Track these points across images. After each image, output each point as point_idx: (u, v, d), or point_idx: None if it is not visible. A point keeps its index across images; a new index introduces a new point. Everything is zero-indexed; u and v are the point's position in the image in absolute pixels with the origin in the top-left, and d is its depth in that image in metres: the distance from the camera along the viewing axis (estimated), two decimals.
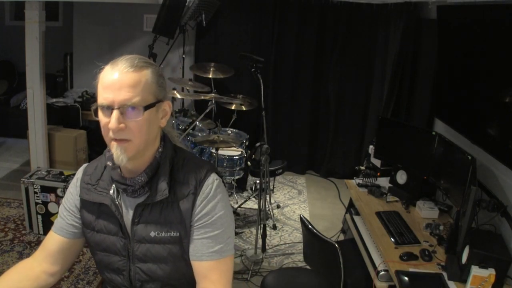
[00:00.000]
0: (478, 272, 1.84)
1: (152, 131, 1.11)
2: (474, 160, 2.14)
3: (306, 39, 4.29)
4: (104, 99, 1.05)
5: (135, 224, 1.16)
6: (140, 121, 1.06)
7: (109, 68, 1.08)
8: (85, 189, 1.22)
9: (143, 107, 1.05)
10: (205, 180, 1.15)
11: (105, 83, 1.06)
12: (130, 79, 1.05)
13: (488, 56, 2.34)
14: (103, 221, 1.20)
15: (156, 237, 1.14)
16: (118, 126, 1.04)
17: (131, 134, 1.06)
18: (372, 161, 3.20)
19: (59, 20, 5.25)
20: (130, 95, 1.04)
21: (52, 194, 2.97)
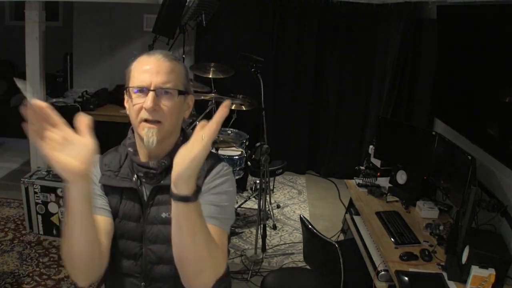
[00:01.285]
0: (478, 272, 1.84)
1: (179, 118, 1.19)
2: (474, 160, 2.14)
3: (306, 39, 4.29)
4: (141, 81, 1.12)
5: (149, 207, 1.19)
6: (173, 104, 1.13)
7: (145, 56, 1.16)
8: (106, 176, 1.23)
9: (177, 91, 1.14)
10: (216, 165, 1.21)
11: (142, 67, 1.14)
12: (167, 66, 1.14)
13: (488, 56, 2.34)
14: (126, 207, 1.21)
15: (167, 217, 1.16)
16: (153, 105, 1.10)
17: (163, 116, 1.13)
18: (372, 161, 3.20)
19: (59, 20, 5.25)
20: (166, 79, 1.13)
21: (52, 194, 2.97)
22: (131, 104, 1.15)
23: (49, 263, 2.81)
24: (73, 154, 0.84)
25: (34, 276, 2.67)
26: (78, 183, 0.87)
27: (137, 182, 1.21)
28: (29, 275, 2.68)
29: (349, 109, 4.40)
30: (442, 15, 2.95)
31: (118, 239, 1.21)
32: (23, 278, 2.64)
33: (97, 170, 1.25)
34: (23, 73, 3.39)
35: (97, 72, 4.73)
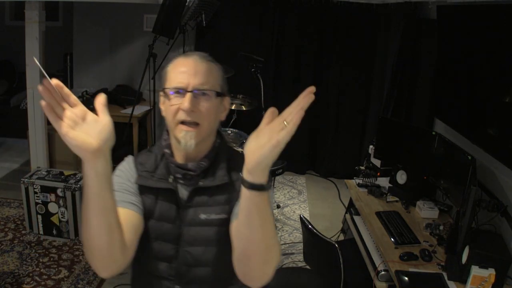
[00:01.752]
0: (478, 272, 1.84)
1: (216, 120, 1.19)
2: (474, 160, 2.14)
3: (306, 39, 4.29)
4: (178, 82, 1.12)
5: (187, 208, 1.18)
6: (210, 106, 1.13)
7: (182, 57, 1.17)
8: (143, 176, 1.20)
9: (215, 92, 1.14)
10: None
11: (179, 68, 1.14)
12: (204, 67, 1.14)
13: (488, 56, 2.34)
14: (161, 208, 1.19)
15: (206, 219, 1.16)
16: (191, 107, 1.10)
17: (200, 117, 1.12)
18: (372, 161, 3.20)
19: (59, 20, 5.25)
20: (204, 80, 1.13)
21: (52, 194, 2.97)
22: (168, 105, 1.14)
23: (49, 263, 2.81)
24: (89, 132, 0.84)
25: (34, 276, 2.67)
26: (94, 161, 0.86)
27: (173, 183, 1.20)
28: (29, 275, 2.68)
29: (349, 109, 4.40)
30: (442, 15, 2.95)
31: (153, 240, 1.19)
32: (23, 278, 2.64)
33: (131, 169, 1.22)
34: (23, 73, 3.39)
35: (97, 72, 4.73)
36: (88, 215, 0.93)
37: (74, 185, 2.93)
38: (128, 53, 4.66)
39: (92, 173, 0.88)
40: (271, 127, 0.87)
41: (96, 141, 0.84)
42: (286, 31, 4.31)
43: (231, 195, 1.17)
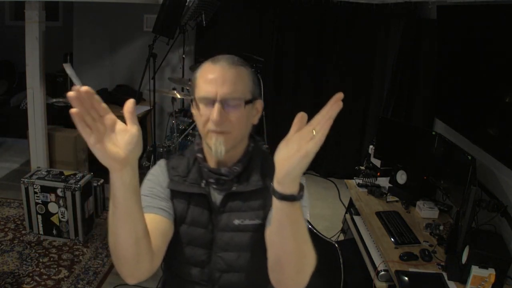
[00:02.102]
0: (478, 272, 1.84)
1: (248, 126, 1.17)
2: (474, 160, 2.14)
3: (306, 39, 4.29)
4: (206, 92, 1.09)
5: (220, 213, 1.17)
6: (240, 114, 1.11)
7: (210, 63, 1.13)
8: (175, 181, 1.20)
9: (244, 101, 1.11)
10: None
11: (207, 77, 1.10)
12: (232, 75, 1.10)
13: (488, 56, 2.34)
14: (193, 213, 1.18)
15: (240, 225, 1.15)
16: (220, 118, 1.08)
17: (231, 126, 1.10)
18: (372, 161, 3.20)
19: (59, 20, 5.26)
20: (232, 89, 1.09)
21: (52, 194, 2.97)
22: (198, 114, 1.13)
23: (49, 263, 2.81)
24: (117, 143, 0.83)
25: (34, 276, 2.67)
26: (121, 171, 0.85)
27: (206, 188, 1.19)
28: (29, 275, 2.68)
29: (349, 109, 4.39)
30: (442, 15, 2.95)
31: (185, 245, 1.18)
32: (23, 278, 2.64)
33: (163, 173, 1.22)
34: (23, 73, 3.39)
35: (97, 72, 4.73)
36: (115, 225, 0.92)
37: (74, 185, 2.93)
38: (128, 53, 4.66)
39: (118, 183, 0.87)
40: (300, 135, 0.85)
41: (124, 152, 0.83)
42: (286, 31, 4.31)
43: (266, 200, 1.14)
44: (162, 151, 3.55)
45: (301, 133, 0.85)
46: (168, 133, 4.05)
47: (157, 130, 4.31)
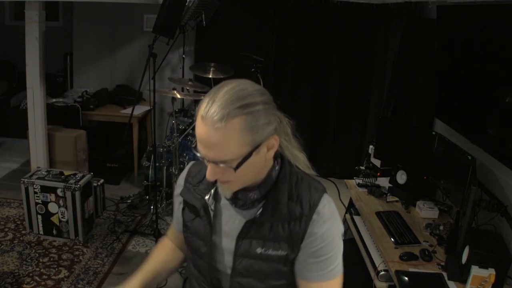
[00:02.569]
0: (478, 272, 1.84)
1: (256, 168, 1.06)
2: (474, 160, 2.14)
3: (306, 39, 4.29)
4: (199, 149, 1.02)
5: (241, 239, 1.12)
6: (236, 173, 1.01)
7: (200, 118, 0.99)
8: (186, 189, 1.23)
9: (235, 166, 1.00)
10: (319, 202, 1.10)
11: (197, 135, 1.01)
12: (219, 138, 0.96)
13: (488, 56, 2.34)
14: (196, 223, 1.19)
15: (262, 253, 1.11)
16: (213, 178, 1.03)
17: (231, 177, 1.03)
18: (372, 161, 3.20)
19: (59, 20, 5.25)
20: (220, 153, 0.98)
21: (52, 194, 2.97)
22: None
23: (49, 263, 2.81)
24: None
25: (34, 276, 2.67)
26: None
27: (206, 202, 1.17)
28: (29, 275, 2.68)
29: (349, 109, 4.39)
30: (442, 15, 2.95)
31: (191, 254, 1.24)
32: (23, 278, 2.64)
33: (182, 179, 1.27)
34: (23, 73, 3.39)
35: (97, 72, 4.73)
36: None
37: (74, 185, 2.93)
38: (128, 53, 4.66)
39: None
40: None
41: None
42: (286, 31, 4.31)
43: (292, 232, 1.09)
44: (162, 151, 3.55)
45: None
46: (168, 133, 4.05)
47: (157, 130, 4.30)
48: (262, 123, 1.01)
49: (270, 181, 1.11)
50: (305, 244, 1.09)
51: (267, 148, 1.05)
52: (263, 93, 1.05)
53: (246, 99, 0.99)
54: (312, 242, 1.09)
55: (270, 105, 1.05)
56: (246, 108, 0.98)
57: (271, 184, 1.11)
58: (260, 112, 1.00)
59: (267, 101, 1.04)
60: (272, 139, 1.05)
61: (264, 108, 1.02)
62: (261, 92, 1.04)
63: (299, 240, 1.09)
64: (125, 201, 3.70)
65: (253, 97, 1.00)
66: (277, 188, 1.11)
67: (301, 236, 1.09)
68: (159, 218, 3.32)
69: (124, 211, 3.59)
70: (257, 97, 1.01)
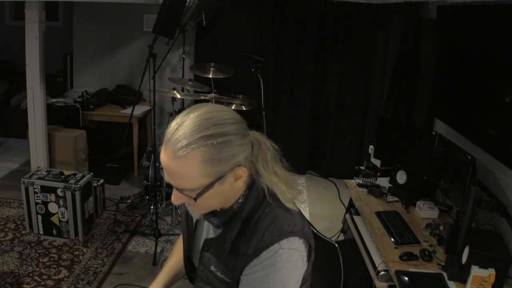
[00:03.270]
0: (478, 272, 1.84)
1: (223, 196, 1.03)
2: (474, 160, 2.14)
3: (306, 39, 4.29)
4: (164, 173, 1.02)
5: (204, 251, 1.16)
6: (201, 199, 0.99)
7: (163, 145, 0.98)
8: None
9: (196, 192, 0.98)
10: (266, 248, 1.02)
11: (161, 160, 0.99)
12: (177, 167, 0.95)
13: (488, 56, 2.34)
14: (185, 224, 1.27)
15: (214, 272, 1.13)
16: (177, 202, 1.04)
17: (194, 204, 1.02)
18: (372, 161, 3.20)
19: (59, 20, 5.25)
20: (180, 182, 0.98)
21: (52, 194, 2.97)
22: None
23: (49, 263, 2.81)
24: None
25: (34, 276, 2.67)
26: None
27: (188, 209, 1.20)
28: (29, 275, 2.68)
29: (349, 109, 4.39)
30: (442, 15, 2.95)
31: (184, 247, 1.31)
32: (23, 278, 2.64)
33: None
34: (23, 73, 3.39)
35: (97, 72, 4.73)
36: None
37: (74, 185, 2.93)
38: (128, 53, 4.66)
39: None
40: None
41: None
42: (286, 31, 4.31)
43: (235, 264, 1.07)
44: None
45: None
46: None
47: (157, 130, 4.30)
48: (226, 155, 0.96)
49: (229, 212, 1.07)
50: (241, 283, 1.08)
51: (234, 178, 1.01)
52: (234, 122, 0.99)
53: (211, 129, 0.95)
54: (245, 283, 1.06)
55: (238, 135, 0.99)
56: (209, 139, 0.94)
57: (230, 215, 1.07)
58: (226, 143, 0.96)
59: (237, 131, 0.98)
60: (239, 170, 1.00)
61: (231, 138, 0.97)
62: (232, 121, 0.99)
63: (238, 275, 1.08)
64: (125, 201, 3.70)
65: (220, 127, 0.96)
66: (232, 221, 1.07)
67: (240, 272, 1.07)
68: (159, 218, 3.32)
69: (124, 211, 3.59)
70: (225, 126, 0.97)
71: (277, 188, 1.09)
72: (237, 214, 1.07)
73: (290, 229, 1.05)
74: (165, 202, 3.59)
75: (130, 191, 3.91)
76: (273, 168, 1.09)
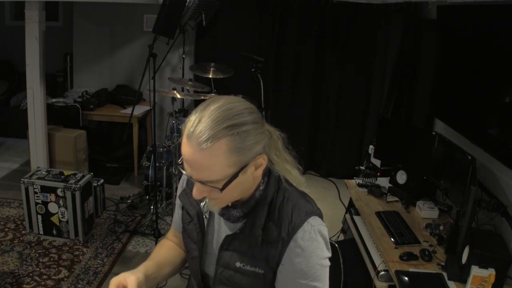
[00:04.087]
0: (478, 272, 1.84)
1: (243, 187, 1.05)
2: (474, 160, 2.14)
3: (306, 39, 4.29)
4: (184, 167, 1.01)
5: (223, 250, 1.13)
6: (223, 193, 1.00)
7: (185, 139, 0.97)
8: (184, 192, 1.24)
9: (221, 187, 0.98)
10: (298, 228, 1.07)
11: (183, 154, 0.99)
12: (204, 159, 0.95)
13: (488, 56, 2.34)
14: (192, 226, 1.21)
15: (241, 268, 1.11)
16: (199, 197, 1.03)
17: (216, 196, 1.02)
18: (372, 161, 3.20)
19: (59, 20, 5.25)
20: (205, 174, 0.97)
21: (52, 194, 2.97)
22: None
23: (49, 263, 2.81)
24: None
25: (34, 276, 2.67)
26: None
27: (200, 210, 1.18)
28: (29, 275, 2.68)
29: (349, 109, 4.39)
30: (442, 15, 2.95)
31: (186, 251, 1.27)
32: (23, 278, 2.64)
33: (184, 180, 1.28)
34: (23, 73, 3.39)
35: (97, 72, 4.73)
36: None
37: (74, 185, 2.93)
38: (128, 53, 4.67)
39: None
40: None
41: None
42: (286, 31, 4.31)
43: (268, 254, 1.08)
44: (162, 151, 3.55)
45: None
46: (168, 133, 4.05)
47: (157, 130, 4.30)
48: (249, 143, 0.98)
49: (252, 201, 1.09)
50: (282, 268, 1.09)
51: (255, 167, 1.03)
52: (252, 112, 1.02)
53: (234, 119, 0.96)
54: (288, 268, 1.08)
55: (258, 124, 1.02)
56: (233, 128, 0.95)
57: (253, 204, 1.09)
58: (248, 132, 0.98)
59: (256, 120, 1.02)
60: (260, 158, 1.02)
61: (252, 127, 0.99)
62: (250, 111, 1.02)
63: (275, 263, 1.09)
64: (125, 201, 3.70)
65: (241, 117, 0.98)
66: (257, 209, 1.09)
67: (277, 260, 1.08)
68: (159, 218, 3.32)
69: (124, 211, 3.59)
70: (245, 116, 0.99)
71: (290, 174, 1.16)
72: (261, 201, 1.09)
73: (311, 210, 1.13)
74: (165, 202, 3.59)
75: (130, 191, 3.91)
76: (284, 156, 1.15)
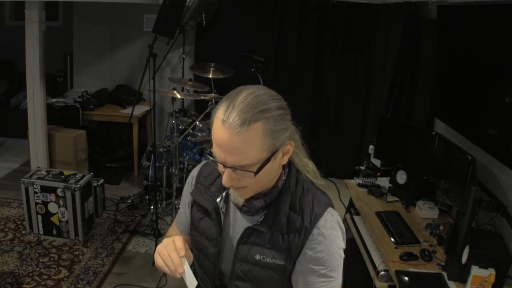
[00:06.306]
0: (478, 272, 1.84)
1: (271, 174, 1.07)
2: (474, 160, 2.14)
3: (306, 39, 4.29)
4: (216, 154, 1.01)
5: (242, 244, 1.13)
6: (254, 179, 1.01)
7: (220, 122, 0.97)
8: (197, 189, 1.23)
9: (255, 171, 0.99)
10: (320, 217, 1.10)
11: (216, 140, 0.99)
12: (240, 142, 0.96)
13: (488, 56, 2.34)
14: (205, 224, 1.20)
15: (261, 261, 1.11)
16: (230, 182, 1.03)
17: (246, 183, 1.03)
18: (372, 161, 3.20)
19: (59, 20, 5.25)
20: (240, 158, 0.98)
21: (52, 194, 2.97)
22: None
23: (49, 263, 2.81)
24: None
25: (34, 276, 2.67)
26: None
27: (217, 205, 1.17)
28: (29, 275, 2.68)
29: (349, 109, 4.39)
30: (442, 15, 2.95)
31: (197, 252, 1.24)
32: (23, 278, 2.64)
33: (193, 178, 1.27)
34: (23, 73, 3.39)
35: (97, 72, 4.73)
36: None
37: (74, 185, 2.93)
38: (128, 53, 4.66)
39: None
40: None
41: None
42: (286, 31, 4.31)
43: (291, 244, 1.09)
44: (162, 151, 3.55)
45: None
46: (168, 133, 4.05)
47: (157, 130, 4.30)
48: (281, 127, 1.01)
49: (275, 191, 1.11)
50: (302, 258, 1.10)
51: (283, 153, 1.05)
52: (280, 99, 1.06)
53: (266, 104, 1.00)
54: (309, 257, 1.09)
55: (286, 111, 1.06)
56: (268, 112, 0.99)
57: (276, 194, 1.11)
58: (281, 116, 1.02)
59: (284, 107, 1.05)
60: (288, 144, 1.06)
61: (282, 113, 1.03)
62: (279, 98, 1.06)
63: (296, 253, 1.10)
64: (125, 201, 3.70)
65: (273, 102, 1.02)
66: (280, 198, 1.11)
67: (299, 249, 1.09)
68: (159, 218, 3.32)
69: (124, 211, 3.59)
70: (275, 102, 1.02)
71: (308, 166, 1.18)
72: (283, 190, 1.12)
73: (329, 201, 1.15)
74: (165, 202, 3.59)
75: (130, 191, 3.91)
76: (301, 148, 1.18)
